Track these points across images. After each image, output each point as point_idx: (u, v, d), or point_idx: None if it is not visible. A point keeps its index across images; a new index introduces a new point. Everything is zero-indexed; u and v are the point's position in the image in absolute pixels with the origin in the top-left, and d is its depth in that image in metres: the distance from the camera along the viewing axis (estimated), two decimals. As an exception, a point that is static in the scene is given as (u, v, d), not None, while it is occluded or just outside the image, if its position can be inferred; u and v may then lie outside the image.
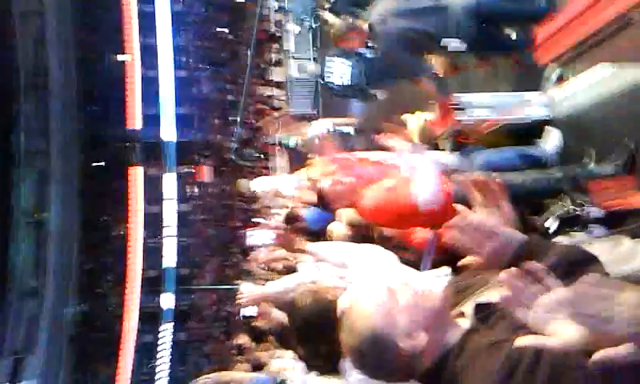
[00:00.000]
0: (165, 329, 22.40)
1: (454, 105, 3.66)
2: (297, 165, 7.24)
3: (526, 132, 3.79)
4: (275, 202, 7.40)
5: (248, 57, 13.09)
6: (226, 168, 22.29)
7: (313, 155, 4.99)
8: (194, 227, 24.12)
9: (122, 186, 22.45)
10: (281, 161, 14.46)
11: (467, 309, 1.32)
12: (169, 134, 23.26)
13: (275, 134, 18.35)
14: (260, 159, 18.82)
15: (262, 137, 19.54)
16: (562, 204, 2.57)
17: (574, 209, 2.62)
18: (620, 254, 1.60)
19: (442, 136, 4.13)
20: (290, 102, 13.48)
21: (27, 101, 20.21)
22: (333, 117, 6.34)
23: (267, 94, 19.14)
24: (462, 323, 1.30)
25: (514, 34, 3.84)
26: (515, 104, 3.66)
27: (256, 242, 6.91)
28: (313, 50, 11.20)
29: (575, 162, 3.23)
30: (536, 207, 2.91)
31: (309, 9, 10.85)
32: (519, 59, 3.86)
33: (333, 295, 1.79)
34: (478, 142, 3.96)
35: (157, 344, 22.15)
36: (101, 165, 22.63)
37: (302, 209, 5.42)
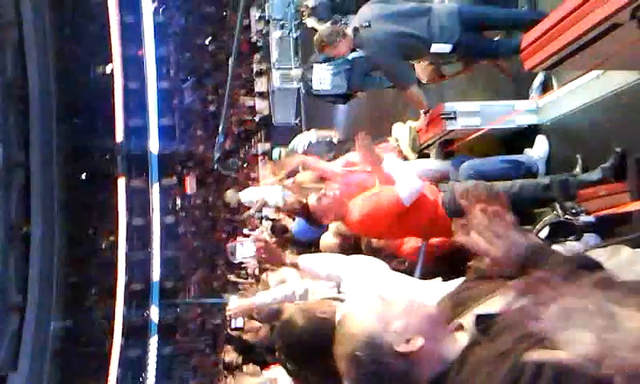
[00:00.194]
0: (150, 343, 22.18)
1: (445, 114, 3.64)
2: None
3: (513, 139, 3.79)
4: (262, 212, 7.39)
5: (229, 67, 13.12)
6: (209, 178, 22.22)
7: (296, 167, 4.99)
8: (179, 239, 23.96)
9: (107, 198, 22.26)
10: (264, 171, 14.42)
11: (467, 320, 1.30)
12: (152, 145, 23.12)
13: (259, 145, 18.39)
14: (243, 169, 18.79)
15: (246, 147, 19.55)
16: (555, 213, 2.57)
17: (564, 215, 2.61)
18: (620, 262, 1.59)
19: (430, 143, 4.11)
20: (273, 112, 13.48)
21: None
22: (316, 128, 6.32)
23: (248, 104, 19.16)
24: (462, 338, 1.27)
25: (498, 39, 3.83)
26: (502, 112, 3.65)
27: (240, 255, 6.85)
28: (294, 59, 11.18)
29: (564, 169, 3.23)
30: (528, 218, 2.91)
31: (289, 15, 10.83)
32: (504, 65, 3.85)
33: (323, 312, 1.74)
34: (465, 151, 3.95)
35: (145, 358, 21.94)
36: (83, 178, 22.42)
37: (289, 220, 5.40)
